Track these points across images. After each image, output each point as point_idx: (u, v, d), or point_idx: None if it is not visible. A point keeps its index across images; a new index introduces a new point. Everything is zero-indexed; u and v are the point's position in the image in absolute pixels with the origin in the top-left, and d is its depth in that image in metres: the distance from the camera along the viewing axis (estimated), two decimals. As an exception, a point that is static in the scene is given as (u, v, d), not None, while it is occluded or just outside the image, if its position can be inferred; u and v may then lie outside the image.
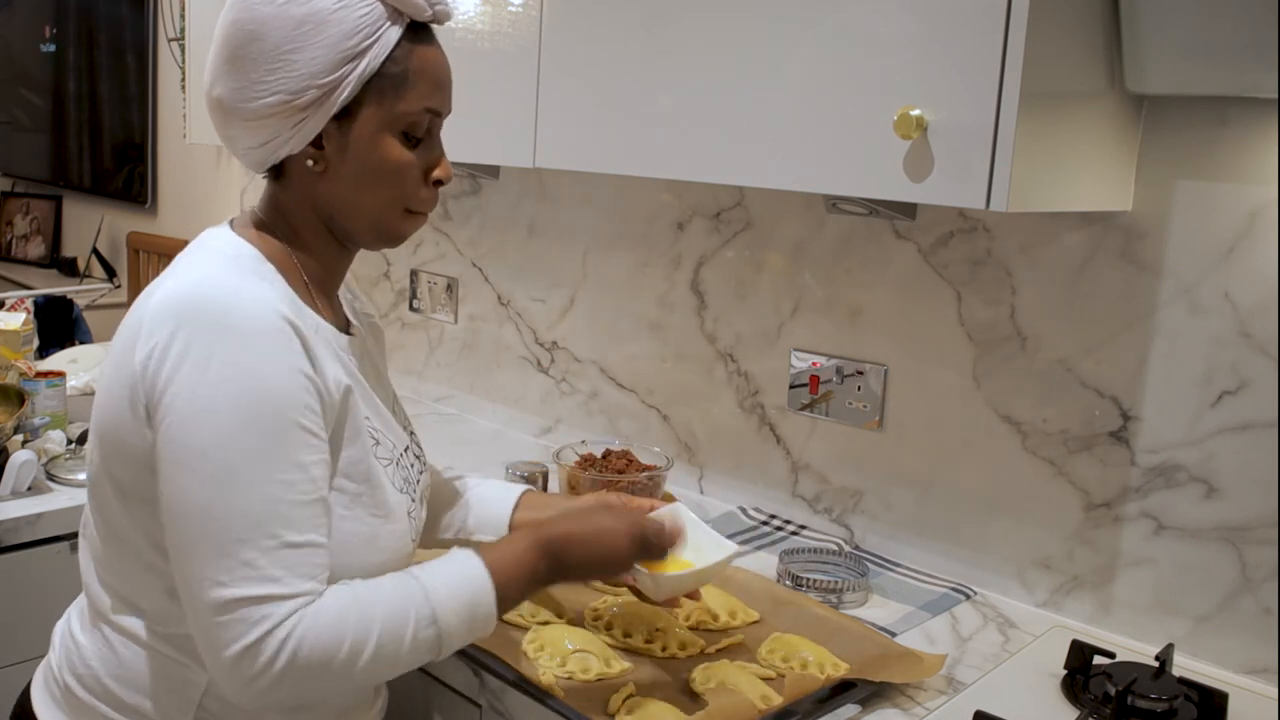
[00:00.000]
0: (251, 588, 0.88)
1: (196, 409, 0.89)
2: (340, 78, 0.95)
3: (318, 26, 0.94)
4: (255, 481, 0.89)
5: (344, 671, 0.91)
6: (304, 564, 0.91)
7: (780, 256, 1.72)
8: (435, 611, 0.95)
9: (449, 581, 0.97)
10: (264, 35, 0.94)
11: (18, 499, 1.62)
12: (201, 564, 0.89)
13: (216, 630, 0.88)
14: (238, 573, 0.88)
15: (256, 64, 0.95)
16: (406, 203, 1.04)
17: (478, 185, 2.22)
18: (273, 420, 0.90)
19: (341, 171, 1.00)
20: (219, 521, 0.88)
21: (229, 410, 0.89)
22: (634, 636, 1.29)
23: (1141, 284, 1.35)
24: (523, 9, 1.59)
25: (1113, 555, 1.40)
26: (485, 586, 0.99)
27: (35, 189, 3.98)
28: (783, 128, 1.28)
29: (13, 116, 3.99)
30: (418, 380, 2.43)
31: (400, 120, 1.00)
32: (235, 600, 0.88)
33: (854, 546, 1.65)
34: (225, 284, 0.94)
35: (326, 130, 0.98)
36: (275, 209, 1.05)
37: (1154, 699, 1.18)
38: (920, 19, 1.15)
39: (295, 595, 0.89)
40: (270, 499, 0.89)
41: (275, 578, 0.89)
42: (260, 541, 0.89)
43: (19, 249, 3.96)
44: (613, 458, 1.79)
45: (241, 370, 0.90)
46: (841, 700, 1.19)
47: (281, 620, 0.88)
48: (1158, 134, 1.32)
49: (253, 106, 0.96)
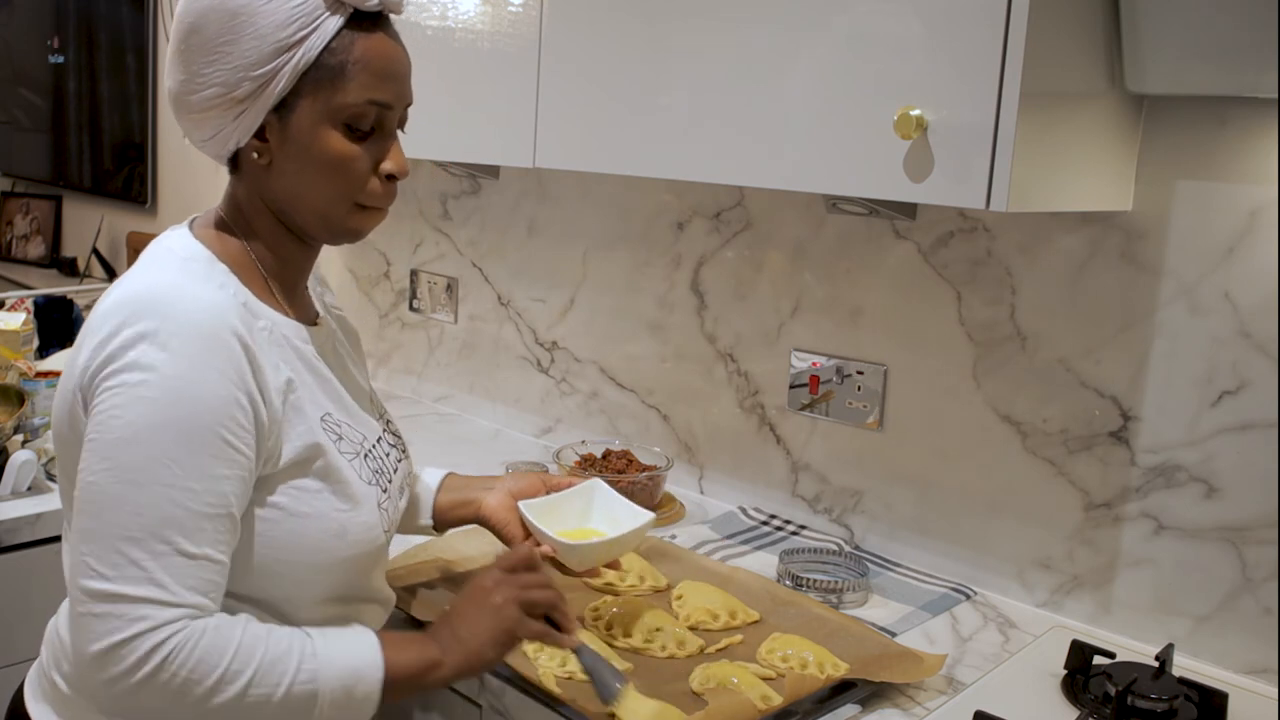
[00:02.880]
0: (133, 587, 0.87)
1: (120, 401, 0.89)
2: (275, 69, 0.95)
3: (251, 17, 0.93)
4: (160, 483, 0.88)
5: (204, 700, 0.88)
6: (194, 577, 0.89)
7: (780, 256, 1.72)
8: (318, 671, 0.93)
9: (343, 648, 0.95)
10: (202, 27, 0.95)
11: (18, 499, 1.62)
12: (89, 552, 0.88)
13: (89, 621, 0.87)
14: (124, 570, 0.87)
15: (196, 56, 0.96)
16: (355, 197, 1.02)
17: (478, 185, 2.22)
18: (192, 426, 0.89)
19: (285, 164, 1.00)
20: (117, 515, 0.88)
21: (152, 407, 0.89)
22: (634, 636, 1.29)
23: (1141, 284, 1.35)
24: (523, 9, 1.59)
25: (1113, 555, 1.40)
26: (375, 663, 0.96)
27: (35, 189, 3.98)
28: (783, 128, 1.28)
29: (13, 117, 3.98)
30: (418, 380, 2.43)
31: (340, 112, 0.98)
32: (114, 594, 0.87)
33: (854, 546, 1.65)
34: (170, 288, 0.94)
35: (268, 122, 0.98)
36: (233, 204, 1.05)
37: (1154, 699, 1.18)
38: (920, 19, 1.15)
39: (178, 605, 0.88)
40: (171, 503, 0.88)
41: (161, 583, 0.87)
42: (152, 544, 0.87)
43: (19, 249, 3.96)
44: (613, 458, 1.79)
45: (173, 372, 0.89)
46: (841, 700, 1.19)
47: (157, 626, 0.87)
48: (1158, 134, 1.32)
49: (195, 99, 0.97)
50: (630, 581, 1.44)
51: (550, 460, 1.78)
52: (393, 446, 1.15)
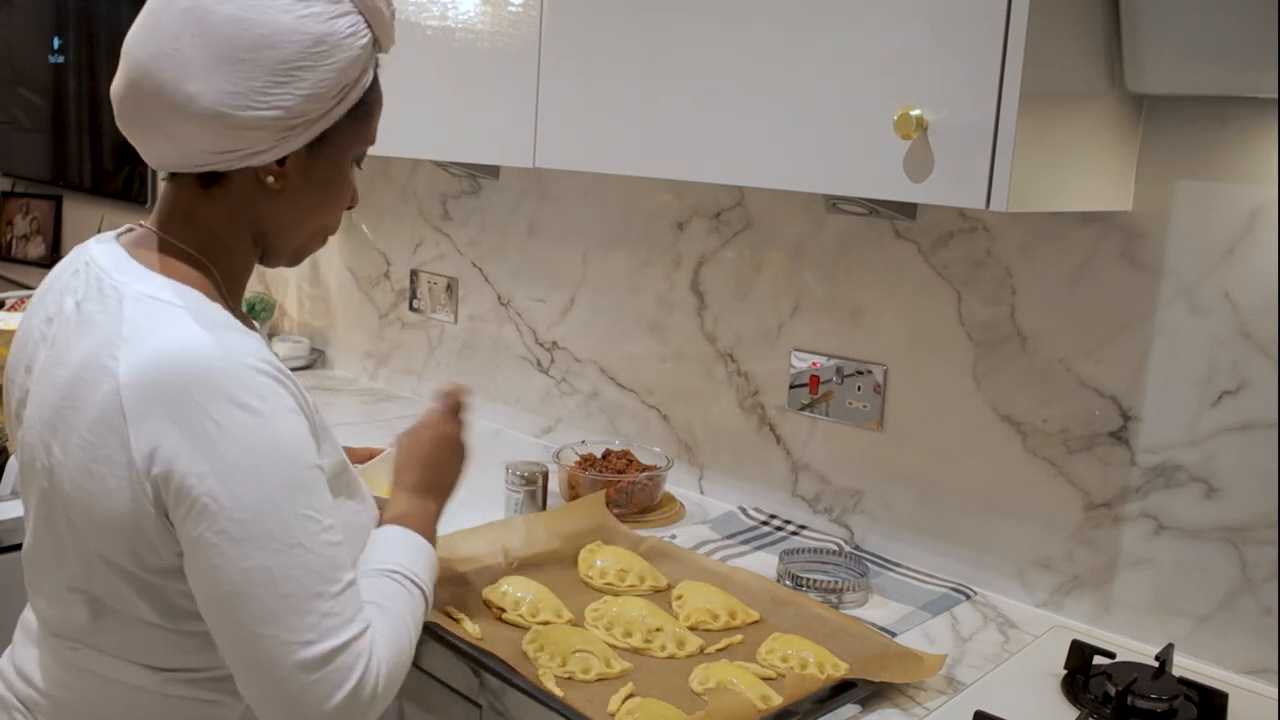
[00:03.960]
0: (339, 635, 0.88)
1: (235, 478, 0.86)
2: (337, 103, 0.94)
3: (331, 49, 0.91)
4: (308, 534, 0.88)
5: (407, 667, 0.97)
6: (358, 596, 0.92)
7: (780, 256, 1.72)
8: (423, 588, 1.03)
9: (413, 558, 1.04)
10: (280, 45, 0.89)
11: (18, 499, 1.62)
12: (280, 631, 0.86)
13: (312, 688, 0.87)
14: (322, 625, 0.87)
15: (263, 73, 0.89)
16: (330, 228, 1.06)
17: (478, 185, 2.22)
18: (297, 472, 0.89)
19: (299, 191, 0.98)
20: (294, 584, 0.87)
21: (259, 476, 0.87)
22: (634, 636, 1.29)
23: (1141, 284, 1.35)
24: (523, 9, 1.59)
25: (1113, 555, 1.40)
26: (428, 548, 1.07)
27: (35, 189, 3.98)
28: (783, 128, 1.28)
29: (13, 117, 3.98)
30: (418, 380, 2.43)
31: (361, 147, 1.01)
32: (330, 652, 0.88)
33: (854, 546, 1.65)
34: (216, 344, 0.88)
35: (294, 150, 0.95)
36: (195, 222, 0.98)
37: (1154, 699, 1.18)
38: (920, 19, 1.15)
39: (366, 627, 0.92)
40: (323, 545, 0.89)
41: (351, 618, 0.90)
42: (330, 589, 0.89)
43: (19, 249, 3.96)
44: (613, 458, 1.79)
45: (263, 429, 0.87)
46: (841, 700, 1.19)
47: (370, 653, 0.91)
48: (1158, 134, 1.32)
49: (246, 115, 0.89)
50: (630, 581, 1.44)
51: (550, 460, 1.78)
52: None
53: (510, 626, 1.31)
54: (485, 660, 1.24)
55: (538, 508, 1.66)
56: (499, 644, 1.25)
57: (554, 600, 1.36)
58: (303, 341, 2.65)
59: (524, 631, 1.29)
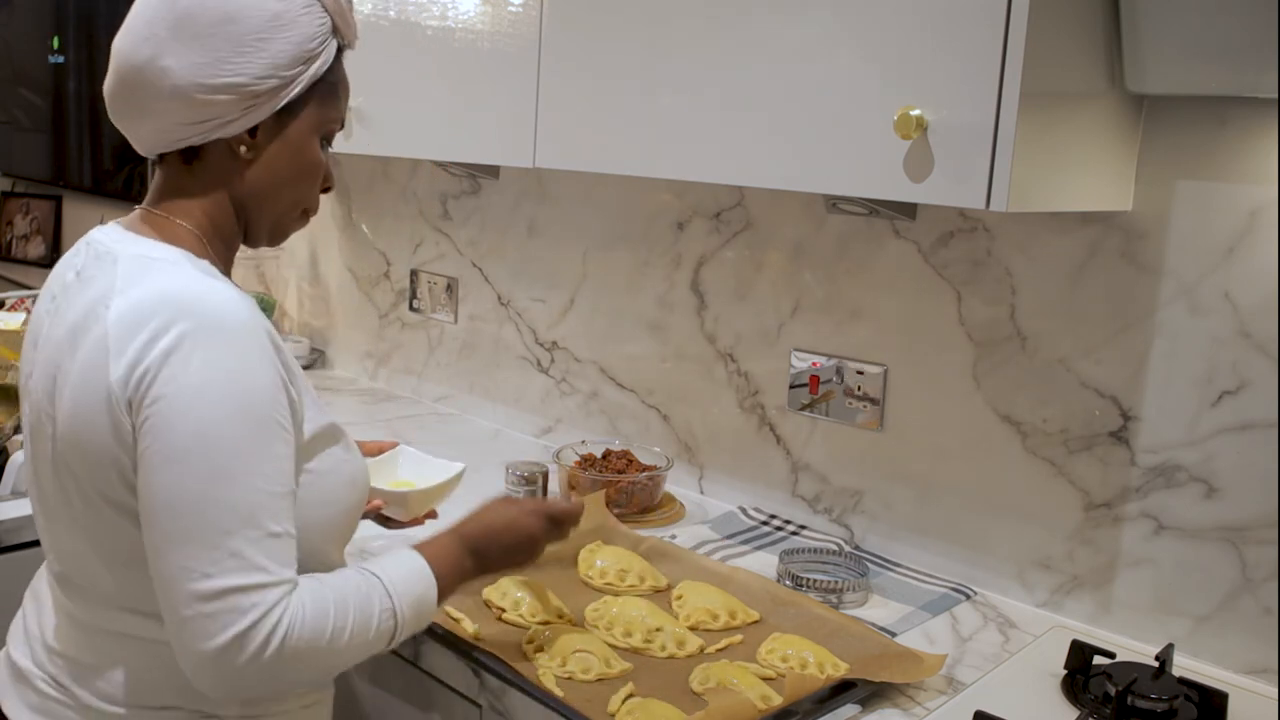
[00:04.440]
0: (240, 577, 0.90)
1: (185, 403, 0.91)
2: (298, 74, 1.02)
3: (288, 24, 1.00)
4: (241, 473, 0.91)
5: (325, 657, 0.95)
6: (284, 553, 0.93)
7: (780, 256, 1.72)
8: (395, 604, 1.01)
9: (404, 577, 1.04)
10: (240, 19, 0.98)
11: (18, 499, 1.62)
12: (188, 556, 0.90)
13: (201, 622, 0.89)
14: (226, 563, 0.90)
15: (226, 44, 0.98)
16: (306, 203, 1.11)
17: (478, 185, 2.22)
18: (255, 415, 0.93)
19: (269, 162, 1.05)
20: (208, 514, 0.90)
21: (217, 404, 0.91)
22: (634, 636, 1.29)
23: (1141, 284, 1.35)
24: (523, 9, 1.59)
25: (1113, 555, 1.40)
26: (430, 584, 1.06)
27: (35, 189, 3.97)
28: (783, 128, 1.28)
29: (13, 117, 3.98)
30: (418, 380, 2.43)
31: (326, 125, 1.08)
32: (224, 590, 0.89)
33: (854, 546, 1.65)
34: (195, 289, 0.96)
35: (263, 122, 1.03)
36: (182, 198, 1.06)
37: (1154, 699, 1.18)
38: (920, 19, 1.15)
39: (281, 583, 0.92)
40: (255, 490, 0.92)
41: (262, 566, 0.91)
42: (246, 533, 0.91)
43: (19, 249, 3.96)
44: (613, 458, 1.79)
45: (228, 367, 0.92)
46: (841, 700, 1.19)
47: (270, 607, 0.91)
48: (1158, 134, 1.32)
49: (212, 83, 0.98)
50: (630, 581, 1.44)
51: (550, 460, 1.78)
52: None
53: (510, 626, 1.31)
54: (485, 660, 1.24)
55: (538, 508, 1.66)
56: (499, 644, 1.25)
57: (554, 600, 1.36)
58: (303, 341, 2.65)
59: (524, 631, 1.29)
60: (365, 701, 1.43)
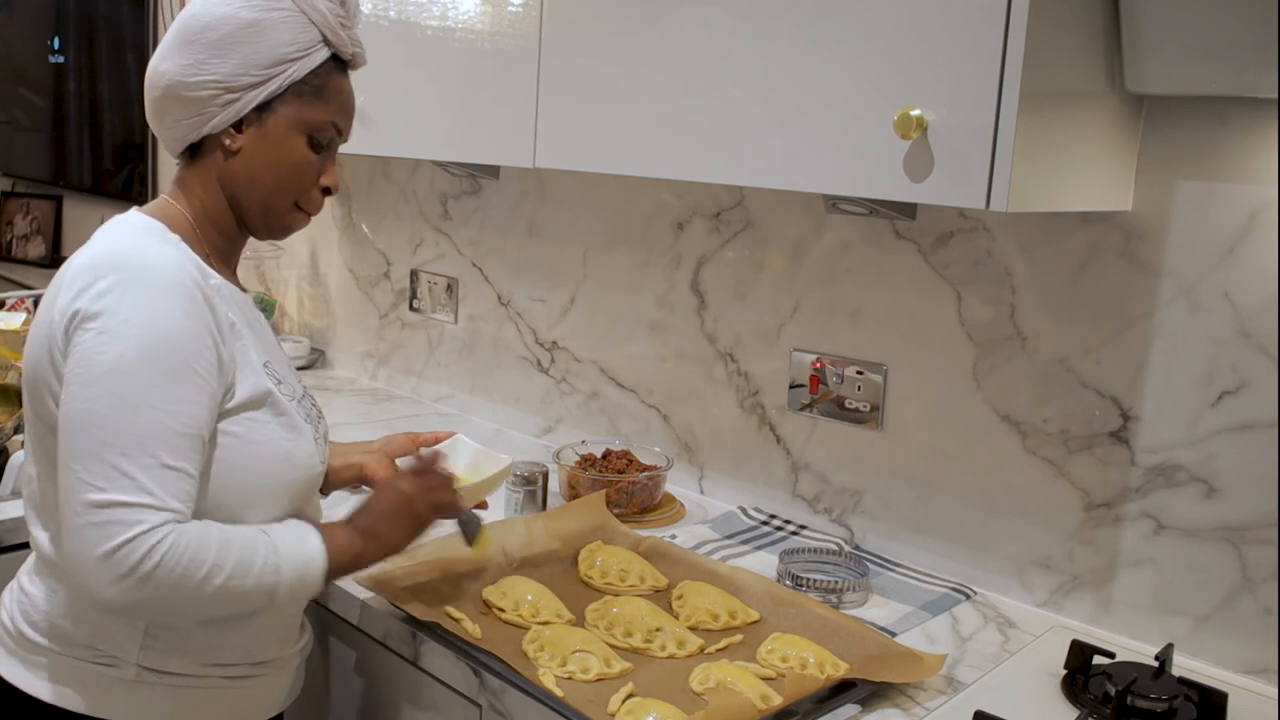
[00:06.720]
0: (127, 494, 0.98)
1: (106, 337, 1.01)
2: (271, 74, 1.13)
3: (264, 31, 1.13)
4: (145, 406, 1.00)
5: (198, 591, 1.01)
6: (177, 487, 1.01)
7: (780, 256, 1.72)
8: (280, 563, 1.08)
9: (292, 541, 1.11)
10: (217, 27, 1.12)
11: (18, 499, 1.62)
12: (83, 469, 0.99)
13: (90, 530, 0.98)
14: (117, 481, 0.98)
15: (204, 49, 1.12)
16: (297, 197, 1.20)
17: (478, 185, 2.22)
18: (171, 359, 1.03)
19: (253, 154, 1.16)
20: (106, 434, 0.99)
21: (135, 342, 1.01)
22: (634, 636, 1.29)
23: (1141, 284, 1.35)
24: (523, 9, 1.59)
25: (1113, 555, 1.40)
26: (318, 552, 1.13)
27: (35, 189, 3.98)
28: (783, 128, 1.28)
29: (13, 116, 3.98)
30: (418, 380, 2.43)
31: (310, 124, 1.17)
32: (112, 502, 0.98)
33: (854, 546, 1.65)
34: (135, 247, 1.08)
35: (248, 116, 1.15)
36: (184, 187, 1.19)
37: (1154, 699, 1.18)
38: (920, 19, 1.15)
39: (167, 509, 1.00)
40: (155, 423, 1.01)
41: (151, 490, 0.99)
42: (140, 458, 0.99)
43: (19, 249, 3.96)
44: (613, 458, 1.79)
45: (151, 313, 1.03)
46: (841, 700, 1.19)
47: (153, 527, 0.98)
48: (1158, 134, 1.32)
49: (193, 81, 1.12)
50: (630, 581, 1.44)
51: (550, 460, 1.78)
52: (313, 404, 1.28)
53: (510, 626, 1.31)
54: (485, 660, 1.24)
55: (538, 508, 1.66)
56: (499, 644, 1.25)
57: (554, 600, 1.36)
58: (303, 341, 2.65)
59: (524, 631, 1.29)
60: (365, 701, 1.43)
